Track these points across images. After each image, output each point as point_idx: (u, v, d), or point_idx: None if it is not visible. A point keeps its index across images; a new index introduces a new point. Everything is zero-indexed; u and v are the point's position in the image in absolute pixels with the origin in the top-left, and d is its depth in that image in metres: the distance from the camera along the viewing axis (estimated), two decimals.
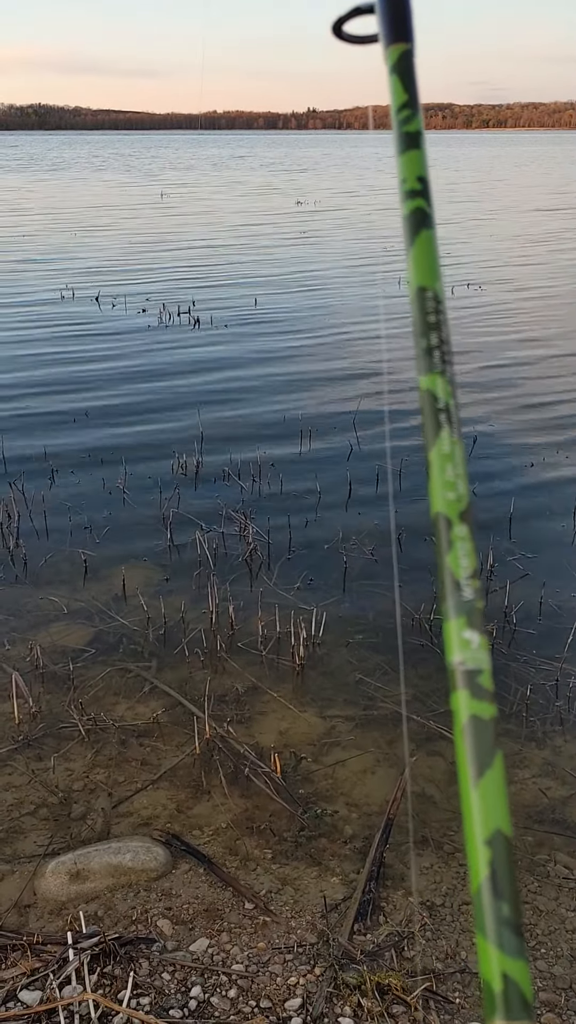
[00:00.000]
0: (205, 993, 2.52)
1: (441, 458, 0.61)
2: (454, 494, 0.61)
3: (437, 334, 0.65)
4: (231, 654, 4.26)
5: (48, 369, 9.17)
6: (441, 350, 0.64)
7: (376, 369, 9.22)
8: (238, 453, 6.75)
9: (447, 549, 0.59)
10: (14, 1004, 2.47)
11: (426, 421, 0.63)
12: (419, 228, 0.67)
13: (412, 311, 0.66)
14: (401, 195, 0.69)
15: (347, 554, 5.17)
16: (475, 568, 0.59)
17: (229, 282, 14.28)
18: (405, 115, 0.71)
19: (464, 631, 0.57)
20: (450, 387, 0.64)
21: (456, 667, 0.56)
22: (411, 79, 0.73)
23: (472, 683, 0.56)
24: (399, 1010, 2.45)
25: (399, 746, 3.59)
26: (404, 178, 0.69)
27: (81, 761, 3.51)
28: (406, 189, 0.69)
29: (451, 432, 0.62)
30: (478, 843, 0.52)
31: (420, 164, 0.70)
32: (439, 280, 0.66)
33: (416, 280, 0.66)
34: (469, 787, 0.53)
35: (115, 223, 23.07)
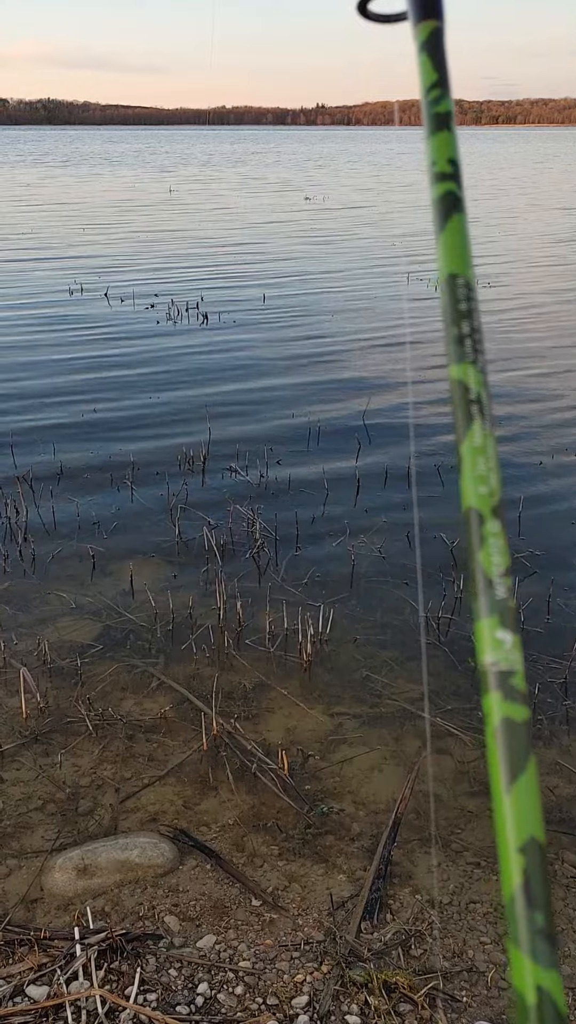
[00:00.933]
0: (212, 990, 2.52)
1: (473, 451, 0.59)
2: (486, 488, 0.59)
3: (468, 322, 0.63)
4: (239, 650, 4.26)
5: (56, 365, 9.17)
6: (473, 339, 0.63)
7: (385, 364, 9.20)
8: (246, 449, 6.75)
9: (479, 546, 0.57)
10: (21, 999, 2.47)
11: (457, 413, 0.61)
12: (450, 212, 0.65)
13: (442, 299, 0.64)
14: (431, 178, 0.67)
15: (355, 551, 5.16)
16: (508, 565, 0.58)
17: (238, 278, 14.27)
18: (435, 95, 0.69)
19: (497, 631, 0.55)
20: (482, 377, 0.62)
21: (488, 668, 0.54)
22: (441, 58, 0.71)
23: (505, 684, 0.54)
24: (406, 1008, 2.45)
25: (407, 743, 3.58)
26: (434, 160, 0.67)
27: (88, 756, 3.51)
28: (436, 171, 0.67)
29: (483, 424, 0.60)
30: (511, 850, 0.50)
31: (451, 146, 0.67)
32: (471, 266, 0.64)
33: (447, 267, 0.64)
34: (502, 793, 0.52)
35: (128, 218, 23.06)
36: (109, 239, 19.02)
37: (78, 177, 40.65)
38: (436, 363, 9.31)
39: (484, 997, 2.51)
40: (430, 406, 7.94)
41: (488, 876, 2.93)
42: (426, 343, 10.15)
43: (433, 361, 9.34)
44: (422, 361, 9.37)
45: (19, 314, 11.54)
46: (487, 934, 2.71)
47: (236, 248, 17.67)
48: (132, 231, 20.44)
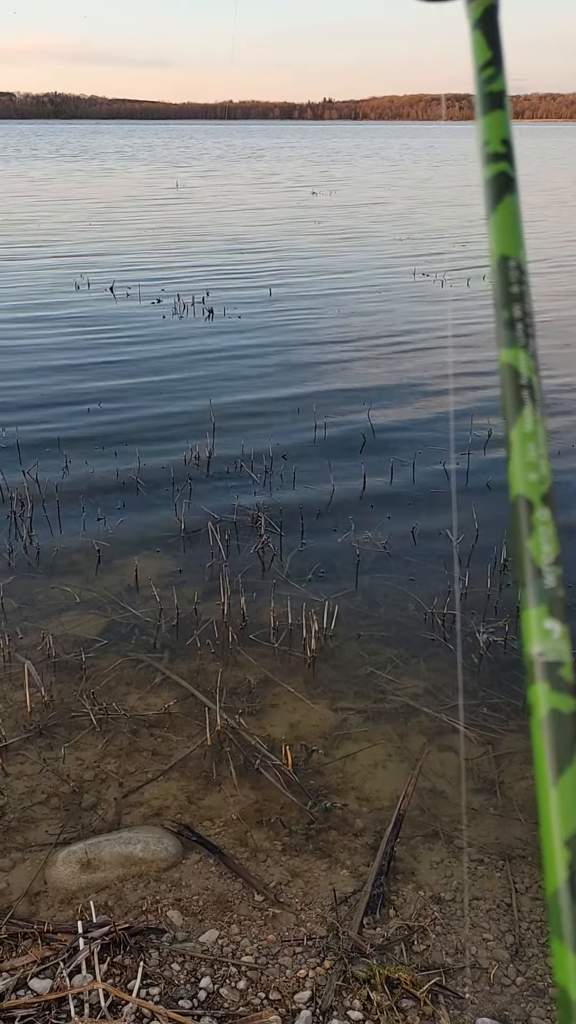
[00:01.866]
0: (215, 984, 2.52)
1: (523, 437, 0.58)
2: (536, 475, 0.58)
3: (520, 306, 0.62)
4: (243, 646, 4.26)
5: (62, 359, 9.18)
6: (524, 323, 0.61)
7: (392, 359, 9.18)
8: (251, 444, 6.74)
9: (528, 534, 0.56)
10: (24, 992, 2.48)
11: (507, 398, 0.60)
12: (502, 194, 0.64)
13: (493, 281, 0.63)
14: (483, 158, 0.66)
15: (360, 547, 5.16)
16: (557, 554, 0.57)
17: (244, 273, 14.25)
18: (488, 74, 0.68)
19: (545, 620, 0.54)
20: (533, 362, 0.61)
21: (536, 658, 0.53)
22: (495, 35, 0.70)
23: (552, 675, 0.53)
24: (408, 1004, 2.45)
25: (411, 740, 3.58)
26: (486, 140, 0.66)
27: (92, 751, 3.51)
28: (489, 152, 0.66)
29: (534, 410, 0.59)
30: (557, 844, 0.50)
31: (504, 126, 0.66)
32: (522, 248, 0.63)
33: (498, 249, 0.63)
34: (548, 785, 0.51)
35: (135, 213, 23.05)
36: (116, 234, 19.01)
37: (89, 172, 40.64)
38: (438, 362, 9.29)
39: (487, 994, 2.51)
40: (437, 414, 7.92)
41: (491, 873, 2.93)
42: (427, 345, 10.13)
43: (435, 360, 9.33)
44: (426, 360, 9.36)
45: (24, 310, 11.54)
46: (490, 930, 2.71)
47: (243, 243, 17.65)
48: (139, 226, 20.43)
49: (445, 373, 8.78)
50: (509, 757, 3.48)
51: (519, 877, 2.91)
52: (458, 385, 8.41)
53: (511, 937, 2.68)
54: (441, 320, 11.08)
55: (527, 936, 2.69)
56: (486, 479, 6.18)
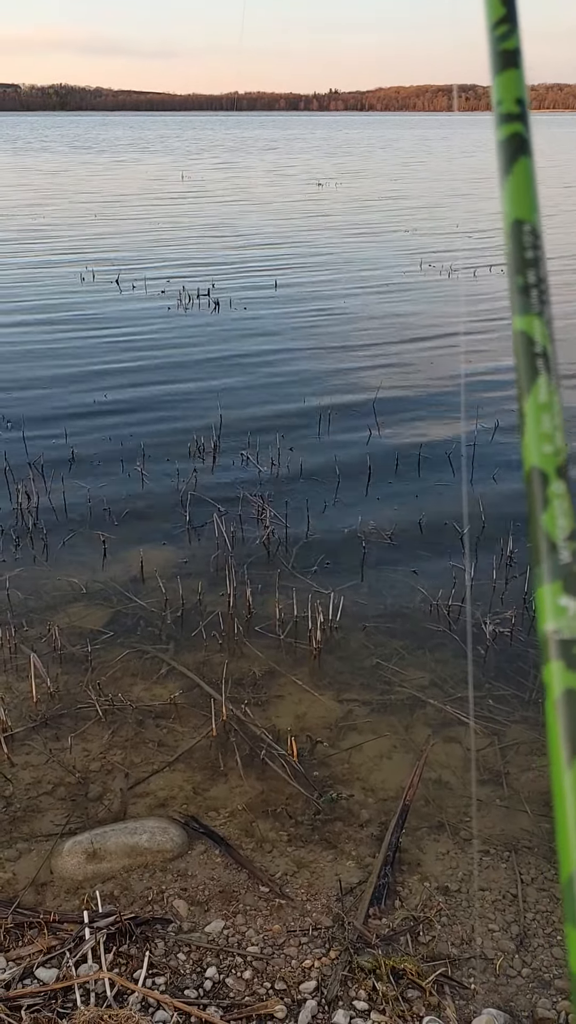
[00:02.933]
0: (220, 974, 2.53)
1: (537, 408, 0.57)
2: (551, 447, 0.56)
3: (535, 271, 0.60)
4: (248, 637, 4.26)
5: (67, 351, 9.17)
6: (539, 289, 0.60)
7: (396, 351, 9.16)
8: (256, 436, 6.73)
9: (542, 508, 0.55)
10: (31, 981, 2.48)
11: (520, 367, 0.58)
12: (516, 155, 0.63)
13: (507, 246, 0.61)
14: (496, 119, 0.64)
15: (365, 538, 5.15)
16: (573, 528, 0.55)
17: (250, 264, 14.22)
18: (502, 31, 0.66)
19: (560, 597, 0.53)
20: (548, 329, 0.59)
21: (550, 636, 0.52)
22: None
23: (568, 653, 0.52)
24: (414, 994, 2.45)
25: (416, 731, 3.58)
26: (500, 100, 0.64)
27: (98, 742, 3.52)
28: (502, 112, 0.64)
29: (549, 379, 0.58)
30: (572, 827, 0.48)
31: (518, 85, 0.64)
32: (537, 212, 0.61)
33: (512, 212, 0.62)
34: (562, 767, 0.49)
35: (142, 204, 23.01)
36: (122, 225, 18.98)
37: (102, 165, 40.57)
38: (445, 352, 9.26)
39: (492, 984, 2.51)
40: (444, 405, 7.89)
41: (497, 864, 2.93)
42: (435, 335, 10.11)
43: (443, 350, 9.30)
44: (433, 351, 9.33)
45: (30, 301, 11.54)
46: (495, 921, 2.71)
47: (249, 234, 17.61)
48: (145, 217, 20.39)
49: (453, 364, 8.75)
50: (515, 748, 3.47)
51: (525, 868, 2.91)
52: (468, 380, 8.39)
53: (517, 928, 2.68)
54: (449, 310, 11.04)
55: (533, 927, 2.69)
56: (492, 472, 6.17)
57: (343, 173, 34.94)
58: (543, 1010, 2.42)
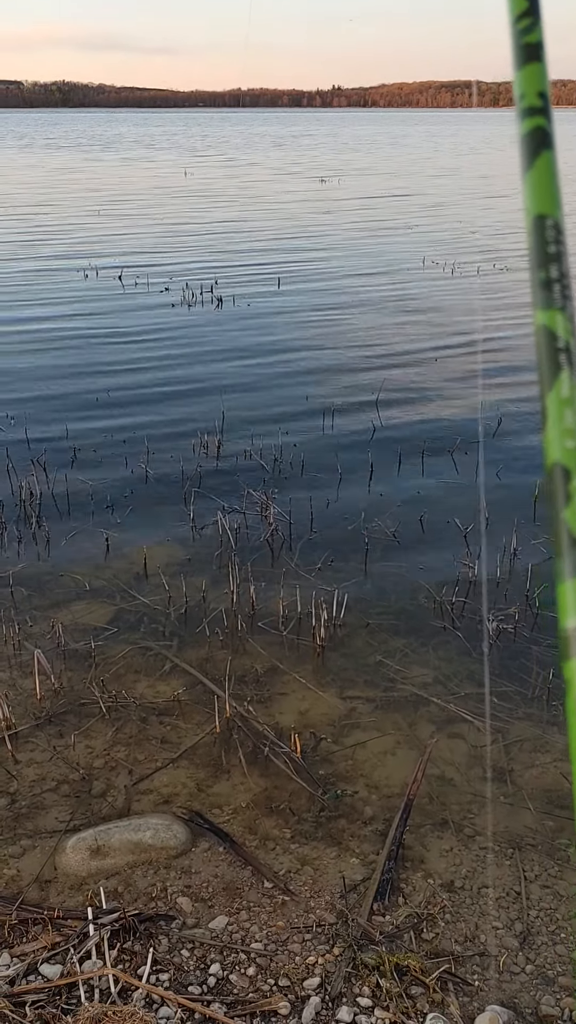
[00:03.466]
0: (224, 971, 2.53)
1: (559, 403, 0.56)
2: (574, 442, 0.56)
3: (557, 266, 0.60)
4: (252, 634, 4.26)
5: (70, 348, 9.17)
6: (561, 284, 0.60)
7: (399, 349, 9.14)
8: (260, 433, 6.73)
9: (564, 503, 0.54)
10: (35, 977, 2.49)
11: (542, 362, 0.58)
12: (539, 149, 0.62)
13: (529, 241, 0.61)
14: (519, 112, 0.64)
15: (369, 535, 5.14)
16: None
17: (253, 262, 14.20)
18: (525, 24, 0.65)
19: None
20: (571, 324, 0.59)
21: (571, 633, 0.52)
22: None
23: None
24: (418, 991, 2.45)
25: (420, 728, 3.58)
26: (523, 93, 0.64)
27: (102, 738, 3.52)
28: (524, 106, 0.64)
29: (572, 374, 0.57)
30: None
31: (541, 78, 0.64)
32: (560, 207, 0.61)
33: (535, 207, 0.61)
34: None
35: (145, 201, 23.00)
36: (125, 222, 18.98)
37: (108, 162, 40.55)
38: (453, 344, 9.25)
39: (496, 981, 2.50)
40: (447, 401, 7.88)
41: (501, 861, 2.92)
42: (438, 332, 10.09)
43: (450, 341, 9.29)
44: (436, 347, 9.32)
45: (32, 298, 11.54)
46: (499, 918, 2.71)
47: (253, 231, 17.59)
48: (149, 214, 20.38)
49: (456, 360, 8.74)
50: (519, 745, 3.47)
51: (529, 865, 2.90)
52: (472, 377, 8.37)
53: (520, 925, 2.68)
54: (453, 306, 11.02)
55: (536, 924, 2.69)
56: (496, 469, 6.16)
57: (355, 169, 34.89)
58: (547, 1007, 2.42)
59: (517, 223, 18.27)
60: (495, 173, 33.39)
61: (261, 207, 21.85)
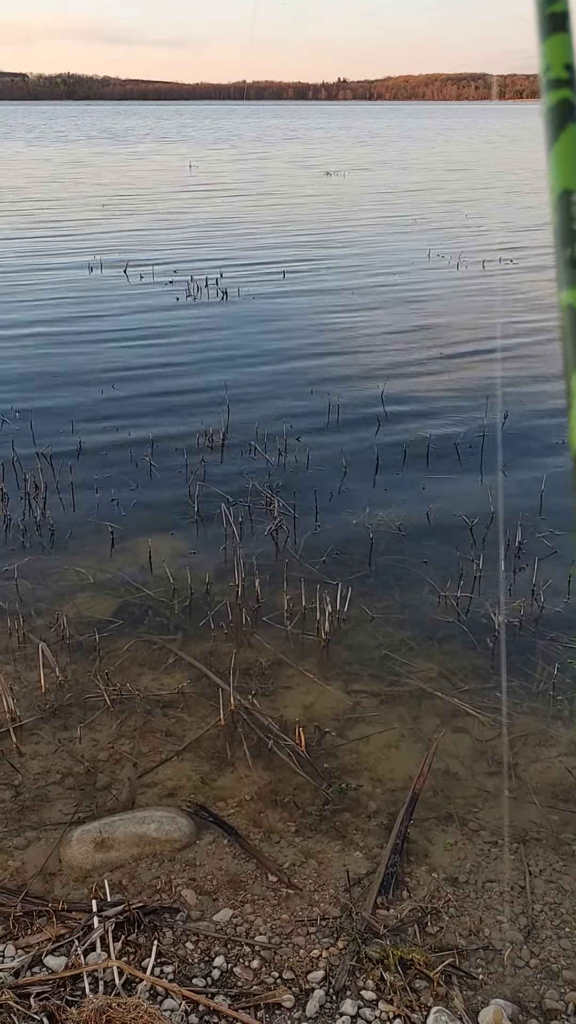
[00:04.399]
0: (228, 963, 2.53)
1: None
2: None
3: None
4: (256, 627, 4.25)
5: (75, 340, 9.17)
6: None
7: (404, 341, 9.12)
8: (264, 427, 6.72)
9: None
10: (40, 969, 2.49)
11: (568, 343, 0.56)
12: (564, 123, 0.60)
13: (554, 218, 0.59)
14: (543, 85, 0.61)
15: (373, 529, 5.13)
16: None
17: (258, 255, 14.17)
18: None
19: None
20: None
21: None
22: None
23: None
24: (422, 985, 2.45)
25: (424, 722, 3.57)
26: (548, 65, 0.61)
27: (106, 731, 3.52)
28: (550, 78, 0.61)
29: None
30: None
31: (567, 50, 0.62)
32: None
33: (560, 182, 0.59)
34: None
35: (150, 195, 22.96)
36: (131, 215, 18.95)
37: (120, 155, 40.48)
38: (456, 341, 9.23)
39: (500, 975, 2.50)
40: (452, 396, 7.86)
41: (505, 855, 2.92)
42: (443, 324, 10.06)
43: (453, 338, 9.27)
44: (442, 340, 9.29)
45: (37, 291, 11.53)
46: (503, 912, 2.70)
47: (257, 224, 17.55)
48: (156, 207, 20.35)
49: (461, 352, 8.71)
50: (523, 739, 3.47)
51: (533, 860, 2.90)
52: (477, 367, 8.35)
53: (525, 919, 2.68)
54: (457, 300, 10.98)
55: (541, 918, 2.68)
56: (501, 464, 6.14)
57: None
58: (551, 1001, 2.41)
59: (533, 219, 18.22)
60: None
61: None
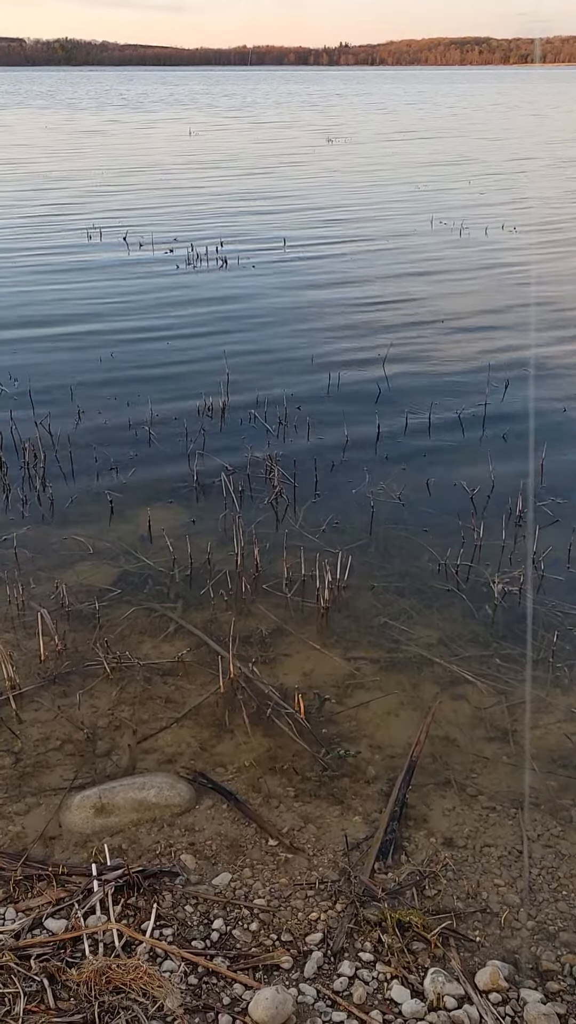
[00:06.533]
0: (227, 926, 2.55)
1: None
2: None
3: None
4: (256, 596, 4.25)
5: (74, 310, 9.09)
6: None
7: (405, 309, 9.05)
8: (264, 395, 6.68)
9: None
10: (40, 931, 2.51)
11: None
12: None
13: None
14: None
15: (374, 498, 5.12)
16: None
17: (257, 222, 14.02)
18: None
19: None
20: None
21: None
22: None
23: None
24: (419, 947, 2.47)
25: (423, 689, 3.58)
26: None
27: (106, 698, 3.53)
28: None
29: None
30: None
31: None
32: None
33: None
34: None
35: (148, 162, 22.71)
36: (130, 184, 18.75)
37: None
38: (463, 313, 9.15)
39: (497, 937, 2.52)
40: (457, 361, 7.81)
41: (503, 820, 2.93)
42: (443, 293, 9.98)
43: (460, 310, 9.19)
44: (442, 309, 9.21)
45: (35, 260, 11.42)
46: (501, 876, 2.72)
47: (257, 192, 17.36)
48: (152, 175, 20.13)
49: (462, 322, 8.64)
50: (522, 707, 3.47)
51: (531, 825, 2.91)
52: (479, 336, 8.29)
53: (522, 883, 2.69)
54: (459, 266, 10.88)
55: (538, 882, 2.70)
56: (502, 431, 6.11)
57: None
58: (547, 962, 2.43)
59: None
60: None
61: (270, 165, 21.55)
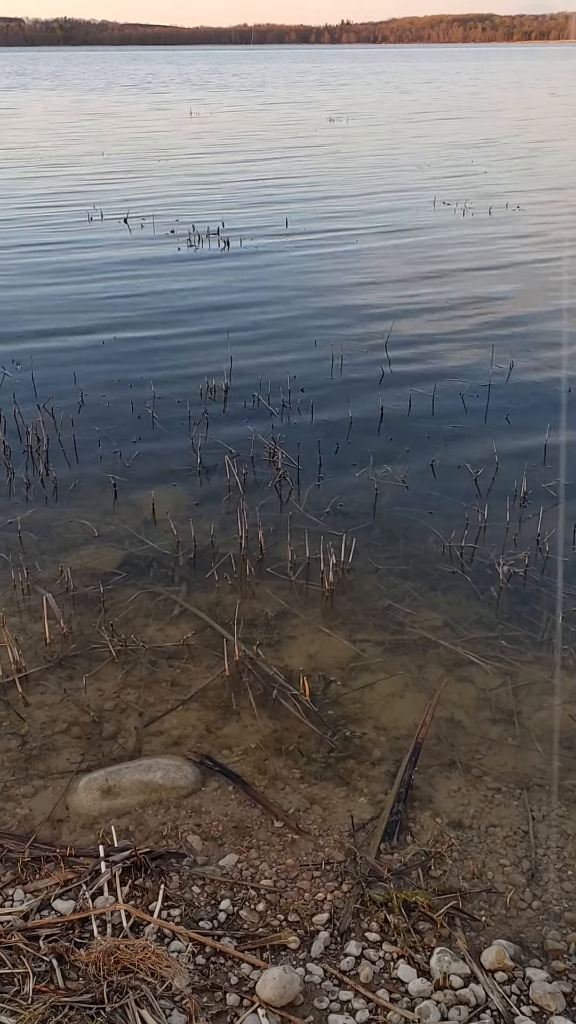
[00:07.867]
0: (234, 906, 2.57)
1: None
2: None
3: None
4: (261, 579, 4.25)
5: (76, 291, 9.06)
6: None
7: (408, 291, 9.00)
8: (268, 377, 6.66)
9: None
10: (48, 912, 2.53)
11: None
12: None
13: None
14: None
15: (378, 480, 5.11)
16: None
17: (259, 202, 13.94)
18: None
19: None
20: None
21: None
22: None
23: None
24: (425, 927, 2.49)
25: (428, 671, 3.58)
26: None
27: (112, 681, 3.54)
28: None
29: None
30: None
31: None
32: None
33: None
34: None
35: (150, 143, 22.55)
36: (131, 164, 18.63)
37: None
38: (463, 298, 9.10)
39: (503, 917, 2.54)
40: (457, 345, 7.77)
41: (508, 801, 2.94)
42: (448, 272, 9.92)
43: (459, 295, 9.15)
44: (446, 289, 9.17)
45: (35, 241, 11.37)
46: (506, 857, 2.73)
47: (259, 172, 17.25)
48: (153, 156, 20.00)
49: (466, 302, 8.60)
50: (527, 688, 3.48)
51: (536, 805, 2.92)
52: (481, 321, 8.25)
53: (528, 863, 2.71)
54: (466, 248, 10.81)
55: (544, 862, 2.71)
56: (506, 414, 6.09)
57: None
58: (553, 942, 2.45)
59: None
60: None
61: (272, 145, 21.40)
